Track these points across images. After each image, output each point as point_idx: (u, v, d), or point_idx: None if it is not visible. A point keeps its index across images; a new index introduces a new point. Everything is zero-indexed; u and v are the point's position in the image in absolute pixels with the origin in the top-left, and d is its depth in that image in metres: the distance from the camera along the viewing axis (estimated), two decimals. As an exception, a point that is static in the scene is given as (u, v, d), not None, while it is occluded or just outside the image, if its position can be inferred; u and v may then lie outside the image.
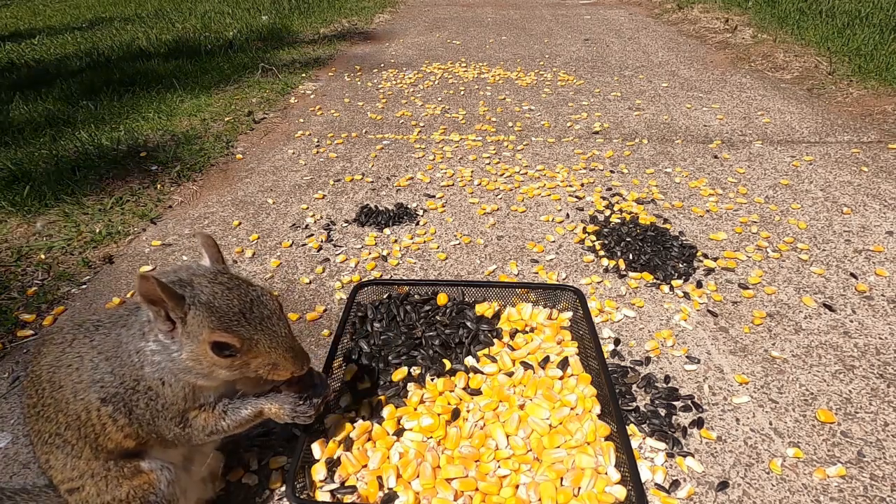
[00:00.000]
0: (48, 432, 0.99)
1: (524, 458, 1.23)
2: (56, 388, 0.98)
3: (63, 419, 0.98)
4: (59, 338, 1.02)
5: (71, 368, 0.98)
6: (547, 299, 1.71)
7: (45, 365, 1.00)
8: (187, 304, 0.93)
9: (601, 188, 2.60)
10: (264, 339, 0.97)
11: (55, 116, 3.51)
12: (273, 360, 1.00)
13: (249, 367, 0.99)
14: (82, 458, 1.00)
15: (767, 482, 1.27)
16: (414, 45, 5.45)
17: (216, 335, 0.93)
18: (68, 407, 0.97)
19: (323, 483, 1.20)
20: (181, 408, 1.01)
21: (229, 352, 0.95)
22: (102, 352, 0.99)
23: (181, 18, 6.70)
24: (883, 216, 2.31)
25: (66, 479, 1.01)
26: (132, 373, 0.97)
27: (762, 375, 1.55)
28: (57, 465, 1.00)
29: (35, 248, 2.24)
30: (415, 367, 1.47)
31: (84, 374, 0.98)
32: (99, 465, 1.00)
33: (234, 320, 0.94)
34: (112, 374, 0.98)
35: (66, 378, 0.98)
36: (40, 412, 1.00)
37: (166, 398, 0.99)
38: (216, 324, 0.93)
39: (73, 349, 1.00)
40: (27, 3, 9.05)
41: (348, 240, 2.26)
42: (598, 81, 4.21)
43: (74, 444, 0.99)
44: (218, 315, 0.94)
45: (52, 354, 1.00)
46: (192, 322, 0.93)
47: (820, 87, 3.87)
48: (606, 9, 7.14)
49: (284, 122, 3.58)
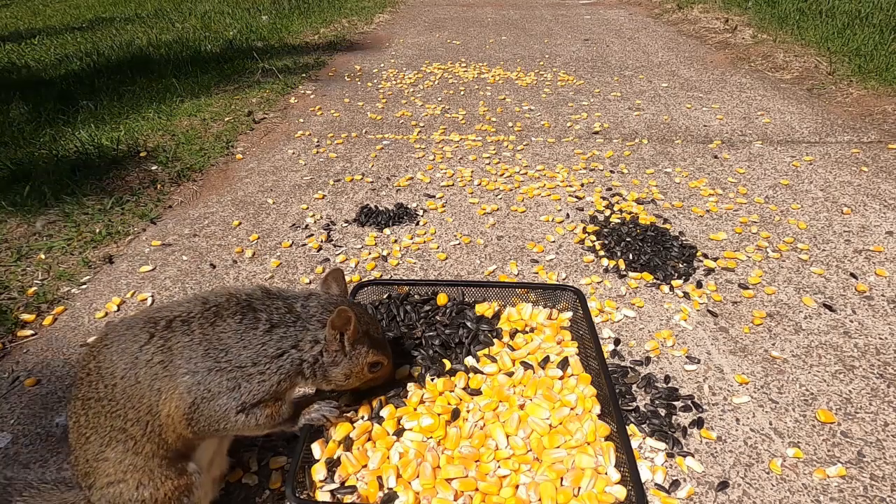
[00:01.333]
0: (111, 426, 1.02)
1: (524, 458, 1.23)
2: (132, 384, 1.02)
3: (132, 415, 1.02)
4: (131, 336, 1.05)
5: (152, 363, 1.03)
6: (547, 299, 1.71)
7: (120, 362, 1.03)
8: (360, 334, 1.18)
9: (601, 188, 2.60)
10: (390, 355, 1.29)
11: (55, 116, 3.51)
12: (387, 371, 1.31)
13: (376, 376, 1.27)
14: (141, 454, 1.03)
15: (767, 482, 1.27)
16: (414, 45, 5.45)
17: (377, 357, 1.23)
18: (142, 401, 1.02)
19: (323, 483, 1.20)
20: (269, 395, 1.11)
21: (377, 368, 1.26)
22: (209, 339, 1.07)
23: (181, 18, 6.70)
24: (883, 216, 2.31)
25: (115, 471, 1.03)
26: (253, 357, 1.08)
27: (762, 375, 1.55)
28: (112, 458, 1.03)
29: (35, 248, 2.24)
30: (415, 367, 1.47)
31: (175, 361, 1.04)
32: (154, 462, 1.04)
33: (381, 343, 1.26)
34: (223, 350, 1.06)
35: (145, 373, 1.02)
36: (105, 406, 1.02)
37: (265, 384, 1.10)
38: (377, 349, 1.23)
39: (153, 345, 1.04)
40: (27, 3, 9.05)
41: (348, 240, 2.26)
42: (598, 81, 4.21)
43: (138, 440, 1.03)
44: (374, 341, 1.23)
45: (129, 352, 1.04)
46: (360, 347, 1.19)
47: (820, 87, 3.87)
48: (606, 9, 7.14)
49: (284, 122, 3.58)
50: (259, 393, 1.09)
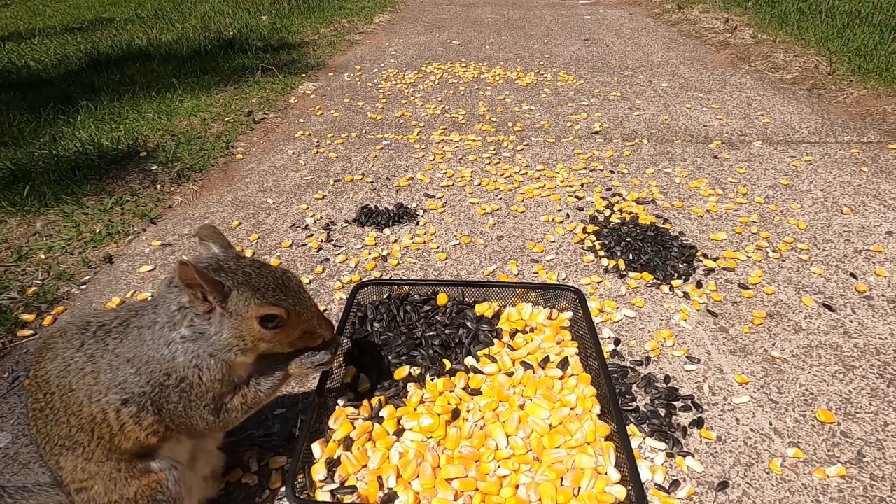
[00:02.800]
0: (58, 435, 1.00)
1: (524, 458, 1.23)
2: (67, 392, 0.98)
3: (75, 422, 0.98)
4: (64, 341, 1.02)
5: (84, 372, 0.98)
6: (547, 299, 1.71)
7: (53, 369, 1.00)
8: (227, 286, 0.99)
9: (601, 188, 2.60)
10: (302, 309, 1.07)
11: (55, 116, 3.51)
12: (310, 328, 1.10)
13: (289, 337, 1.08)
14: (93, 461, 1.00)
15: (767, 482, 1.27)
16: (414, 45, 5.45)
17: (264, 309, 1.01)
18: (81, 410, 0.98)
19: (323, 483, 1.20)
20: (218, 392, 1.04)
21: (273, 324, 1.03)
22: (121, 354, 0.99)
23: (181, 18, 6.70)
24: (883, 216, 2.31)
25: (75, 479, 1.01)
26: (162, 367, 0.99)
27: (762, 375, 1.55)
28: (67, 468, 1.01)
29: (35, 248, 2.24)
30: (415, 367, 1.47)
31: (101, 377, 0.98)
32: (110, 466, 1.01)
33: (275, 295, 1.03)
34: (137, 373, 0.98)
35: (78, 382, 0.98)
36: (48, 416, 1.00)
37: (203, 385, 1.02)
38: (262, 299, 1.01)
39: (83, 353, 1.00)
40: (27, 3, 9.05)
41: (348, 240, 2.26)
42: (598, 81, 4.21)
43: (86, 447, 1.00)
44: (261, 292, 1.01)
45: (60, 359, 1.00)
46: (237, 301, 0.99)
47: (820, 88, 3.87)
48: (606, 9, 7.14)
49: (284, 122, 3.58)
50: (207, 395, 1.02)
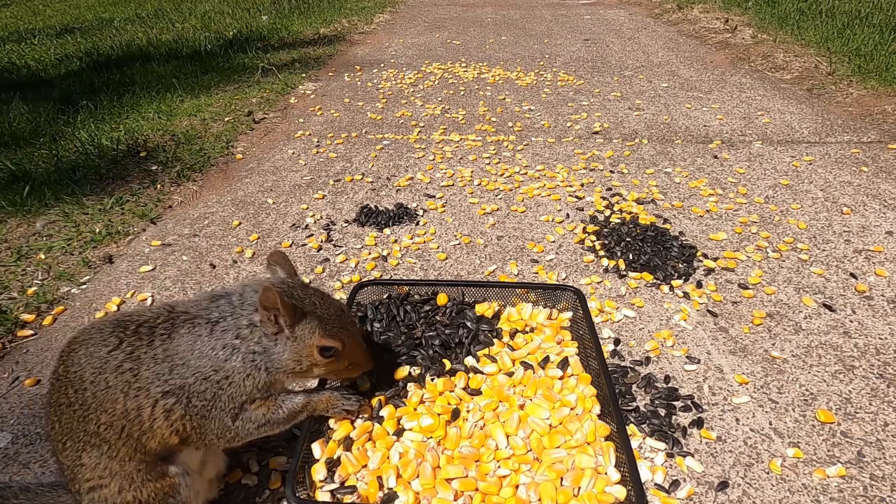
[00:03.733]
0: (84, 431, 1.02)
1: (524, 458, 1.23)
2: (102, 389, 1.01)
3: (105, 419, 1.01)
4: (99, 339, 1.04)
5: (122, 369, 1.02)
6: (547, 299, 1.71)
7: (88, 366, 1.02)
8: (299, 313, 1.09)
9: (601, 188, 2.60)
10: (355, 343, 1.19)
11: (55, 116, 3.51)
12: (357, 359, 1.21)
13: (338, 366, 1.18)
14: (117, 459, 1.02)
15: (767, 482, 1.27)
16: (414, 45, 5.45)
17: (325, 340, 1.12)
18: (115, 407, 1.01)
19: (323, 483, 1.20)
20: (248, 397, 1.10)
21: (330, 353, 1.14)
22: (169, 350, 1.05)
23: (181, 18, 6.70)
24: (883, 216, 2.31)
25: (93, 476, 1.02)
26: (213, 363, 1.06)
27: (762, 375, 1.55)
28: (89, 464, 1.02)
29: (35, 248, 2.24)
30: (415, 367, 1.47)
31: (142, 373, 1.02)
32: (132, 465, 1.03)
33: (335, 327, 1.14)
34: (184, 365, 1.04)
35: (115, 378, 1.01)
36: (76, 412, 1.01)
37: (242, 387, 1.08)
38: (324, 330, 1.12)
39: (121, 351, 1.03)
40: (27, 3, 9.05)
41: (348, 240, 2.26)
42: (598, 81, 4.21)
43: (112, 444, 1.02)
44: (325, 323, 1.13)
45: (96, 356, 1.02)
46: (303, 329, 1.10)
47: (820, 88, 3.87)
48: (606, 9, 7.14)
49: (284, 122, 3.58)
50: (237, 397, 1.08)
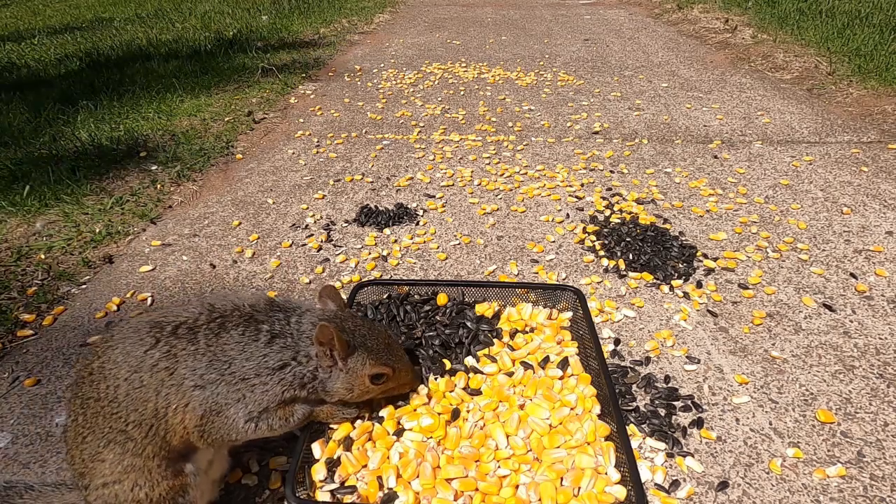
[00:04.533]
0: (109, 427, 1.03)
1: (524, 458, 1.23)
2: (136, 387, 1.02)
3: (135, 417, 1.02)
4: (135, 338, 1.06)
5: (157, 368, 1.04)
6: (547, 299, 1.71)
7: (124, 363, 1.03)
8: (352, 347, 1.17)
9: (601, 188, 2.60)
10: (402, 366, 1.28)
11: (55, 116, 3.51)
12: (406, 380, 1.31)
13: (387, 388, 1.27)
14: (140, 456, 1.04)
15: (767, 482, 1.27)
16: (414, 45, 5.45)
17: (377, 368, 1.20)
18: (146, 405, 1.02)
19: (323, 483, 1.20)
20: (275, 403, 1.13)
21: (381, 380, 1.23)
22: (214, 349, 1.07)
23: (181, 18, 6.70)
24: (883, 216, 2.31)
25: (112, 472, 1.03)
26: (259, 368, 1.09)
27: (762, 375, 1.55)
28: (110, 459, 1.03)
29: (35, 248, 2.24)
30: (415, 367, 1.47)
31: (178, 371, 1.04)
32: (154, 463, 1.05)
33: (385, 355, 1.22)
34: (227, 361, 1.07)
35: (151, 377, 1.03)
36: (104, 407, 1.03)
37: (276, 395, 1.12)
38: (375, 360, 1.20)
39: (158, 350, 1.05)
40: (27, 3, 9.05)
41: (348, 240, 2.26)
42: (598, 81, 4.21)
43: (138, 442, 1.03)
44: (375, 353, 1.21)
45: (133, 355, 1.04)
46: (355, 360, 1.18)
47: (820, 87, 3.87)
48: (606, 9, 7.14)
49: (284, 122, 3.58)
50: (264, 402, 1.11)
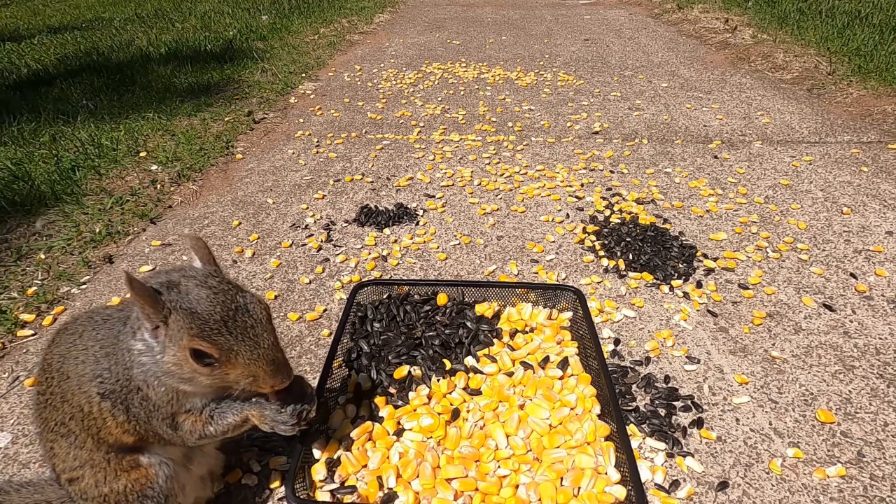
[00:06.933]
0: (54, 420, 1.01)
1: (524, 458, 1.23)
2: (64, 379, 0.99)
3: (68, 409, 0.99)
4: (72, 328, 1.03)
5: (77, 360, 0.99)
6: (547, 299, 1.71)
7: (57, 354, 1.01)
8: (167, 308, 0.90)
9: (601, 188, 2.60)
10: (244, 350, 0.94)
11: (55, 116, 3.51)
12: (253, 373, 0.96)
13: (229, 377, 0.96)
14: (84, 449, 1.01)
15: (767, 482, 1.27)
16: (414, 45, 5.45)
17: (194, 343, 0.90)
18: (73, 398, 0.98)
19: (323, 483, 1.20)
20: (168, 411, 0.99)
21: (208, 360, 0.92)
22: (105, 346, 0.99)
23: (181, 18, 6.70)
24: (883, 216, 2.31)
25: (67, 468, 1.02)
26: (125, 372, 0.97)
27: (762, 375, 1.55)
28: (60, 454, 1.02)
29: (35, 248, 2.24)
30: (415, 367, 1.47)
31: (87, 367, 0.98)
32: (100, 455, 1.01)
33: (214, 328, 0.91)
34: (109, 370, 0.97)
35: (73, 369, 0.98)
36: (48, 400, 1.01)
37: (153, 400, 0.98)
38: (195, 331, 0.90)
39: (81, 341, 1.00)
40: (27, 3, 9.05)
41: (348, 240, 2.26)
42: (598, 81, 4.21)
43: (78, 435, 1.00)
44: (198, 322, 0.90)
45: (64, 344, 1.01)
46: (174, 326, 0.91)
47: (820, 87, 3.87)
48: (606, 9, 7.14)
49: (284, 122, 3.58)
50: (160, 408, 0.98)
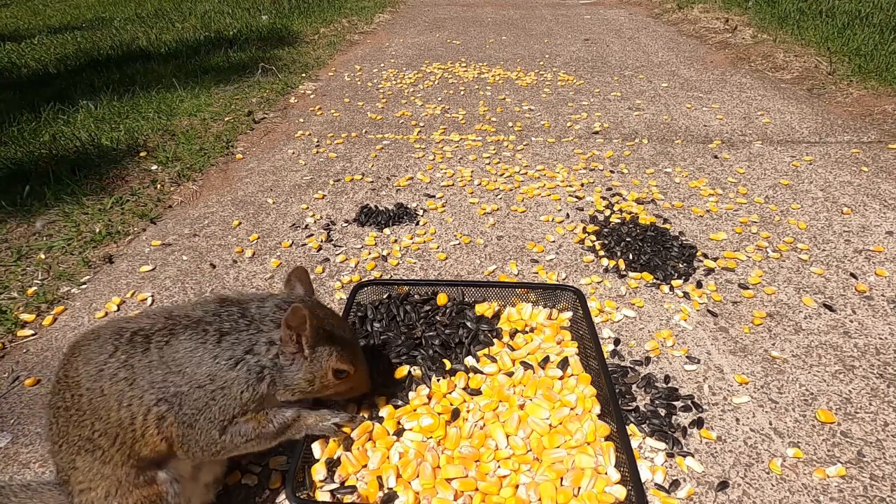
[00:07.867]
0: (78, 436, 1.02)
1: (524, 458, 1.23)
2: (97, 396, 1.01)
3: (100, 426, 1.01)
4: (97, 346, 1.04)
5: (116, 378, 1.01)
6: (547, 299, 1.71)
7: (85, 372, 1.02)
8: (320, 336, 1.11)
9: (601, 188, 2.60)
10: (362, 366, 1.23)
11: (55, 116, 3.51)
12: (361, 382, 1.24)
13: (345, 386, 1.20)
14: (109, 464, 1.03)
15: (767, 482, 1.27)
16: (414, 45, 5.45)
17: (341, 364, 1.15)
18: (109, 415, 1.00)
19: (323, 483, 1.20)
20: (241, 409, 1.08)
21: (343, 376, 1.17)
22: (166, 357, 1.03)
23: (181, 18, 6.70)
24: (883, 216, 2.31)
25: (85, 479, 1.03)
26: (211, 373, 1.04)
27: (762, 375, 1.55)
28: (82, 468, 1.03)
29: (35, 248, 2.24)
30: (415, 367, 1.47)
31: (138, 381, 1.01)
32: (123, 471, 1.03)
33: (349, 350, 1.17)
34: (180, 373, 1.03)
35: (111, 387, 1.01)
36: (72, 416, 1.02)
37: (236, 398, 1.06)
38: (341, 354, 1.15)
39: (116, 359, 1.02)
40: (27, 3, 9.05)
41: (348, 240, 2.26)
42: (598, 81, 4.21)
43: (106, 450, 1.02)
44: (342, 347, 1.16)
45: (93, 363, 1.02)
46: (321, 351, 1.12)
47: (820, 87, 3.87)
48: (606, 9, 7.14)
49: (284, 122, 3.58)
50: (230, 408, 1.06)
